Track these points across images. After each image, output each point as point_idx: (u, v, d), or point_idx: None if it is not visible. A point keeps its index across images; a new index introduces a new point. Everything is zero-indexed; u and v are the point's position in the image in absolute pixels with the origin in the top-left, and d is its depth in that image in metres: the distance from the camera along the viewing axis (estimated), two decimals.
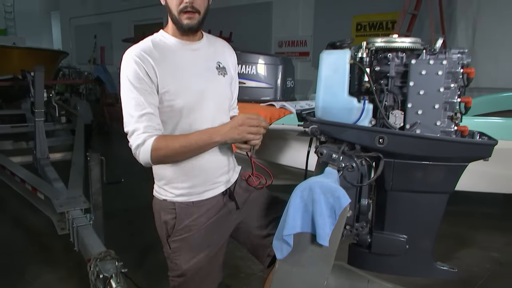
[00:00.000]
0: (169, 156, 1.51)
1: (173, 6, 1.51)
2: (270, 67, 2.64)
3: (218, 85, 1.64)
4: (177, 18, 1.53)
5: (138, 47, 1.52)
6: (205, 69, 1.61)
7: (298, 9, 8.41)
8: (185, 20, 1.52)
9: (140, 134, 1.46)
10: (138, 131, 1.46)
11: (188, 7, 1.50)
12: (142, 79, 1.47)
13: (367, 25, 7.46)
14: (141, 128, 1.46)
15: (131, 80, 1.47)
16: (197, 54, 1.61)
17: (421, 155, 1.42)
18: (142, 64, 1.47)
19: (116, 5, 12.84)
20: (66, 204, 2.94)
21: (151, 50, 1.51)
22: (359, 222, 1.55)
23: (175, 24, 1.55)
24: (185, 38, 1.59)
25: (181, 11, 1.51)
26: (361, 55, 1.47)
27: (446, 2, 6.27)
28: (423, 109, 1.40)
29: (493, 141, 1.40)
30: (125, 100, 1.49)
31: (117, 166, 4.96)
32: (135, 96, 1.47)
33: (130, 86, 1.47)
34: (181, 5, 1.50)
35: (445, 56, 1.39)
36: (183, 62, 1.56)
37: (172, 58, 1.54)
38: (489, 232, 3.86)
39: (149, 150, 1.45)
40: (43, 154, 4.41)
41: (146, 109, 1.47)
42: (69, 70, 13.75)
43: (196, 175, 1.61)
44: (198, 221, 1.62)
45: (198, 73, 1.58)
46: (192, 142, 1.48)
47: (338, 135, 1.49)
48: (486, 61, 5.95)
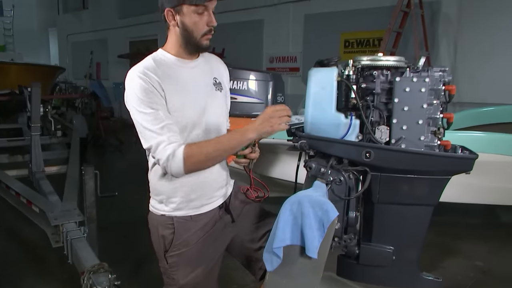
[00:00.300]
0: (203, 162, 1.47)
1: (198, 29, 1.51)
2: (261, 83, 2.65)
3: (216, 101, 1.65)
4: (197, 40, 1.53)
5: (141, 65, 1.50)
6: (204, 85, 1.61)
7: (288, 27, 8.49)
8: (205, 41, 1.54)
9: (167, 146, 1.42)
10: (163, 143, 1.42)
11: (212, 30, 1.52)
12: (152, 94, 1.45)
13: (354, 42, 7.55)
14: (166, 140, 1.42)
15: (141, 97, 1.44)
16: (196, 71, 1.61)
17: (406, 169, 1.43)
18: (149, 81, 1.45)
19: (112, 23, 12.88)
20: (60, 217, 2.90)
21: (155, 68, 1.49)
22: (347, 234, 1.55)
23: (189, 45, 1.55)
24: (186, 56, 1.58)
25: (205, 33, 1.52)
26: (348, 72, 1.49)
27: (429, 21, 6.38)
28: (407, 125, 1.41)
29: (474, 155, 1.42)
30: (139, 117, 1.45)
31: (112, 179, 4.92)
32: (149, 111, 1.43)
33: (141, 103, 1.44)
34: (205, 28, 1.51)
35: (427, 74, 1.41)
36: (184, 80, 1.56)
37: (174, 76, 1.53)
38: (473, 241, 3.87)
39: (182, 159, 1.41)
40: (38, 168, 4.36)
41: (164, 121, 1.44)
42: (65, 85, 13.72)
43: (194, 190, 1.60)
44: (196, 235, 1.61)
45: (199, 89, 1.58)
46: (225, 144, 1.46)
47: (327, 150, 1.50)
48: (467, 77, 6.05)
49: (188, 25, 1.50)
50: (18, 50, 12.72)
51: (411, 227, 1.55)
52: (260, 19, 8.88)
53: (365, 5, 7.17)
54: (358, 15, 7.31)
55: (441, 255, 3.50)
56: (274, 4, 8.55)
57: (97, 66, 13.13)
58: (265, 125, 1.43)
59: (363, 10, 7.22)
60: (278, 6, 8.50)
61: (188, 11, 1.48)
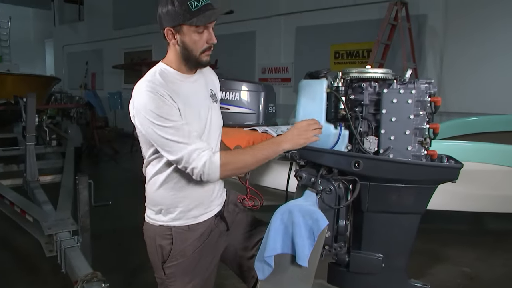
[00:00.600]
0: (239, 168, 1.50)
1: (197, 47, 1.50)
2: (253, 93, 2.65)
3: (215, 112, 1.66)
4: (197, 57, 1.52)
5: (150, 81, 1.47)
6: (204, 98, 1.62)
7: (280, 38, 8.54)
8: (205, 57, 1.54)
9: (201, 153, 1.42)
10: (196, 151, 1.42)
11: (211, 47, 1.53)
12: (168, 107, 1.43)
13: (344, 54, 7.60)
14: (198, 148, 1.42)
15: (158, 112, 1.41)
16: (196, 85, 1.61)
17: (394, 178, 1.44)
18: (162, 95, 1.43)
19: (107, 34, 12.87)
20: (54, 226, 2.86)
21: (163, 83, 1.47)
22: (338, 242, 1.56)
23: (190, 62, 1.54)
24: (186, 71, 1.58)
25: (204, 50, 1.52)
26: (337, 84, 1.50)
27: (416, 34, 6.45)
28: (395, 135, 1.43)
29: (459, 164, 1.43)
30: (161, 131, 1.42)
31: (106, 188, 4.88)
32: (170, 124, 1.41)
33: (160, 117, 1.41)
34: (205, 45, 1.51)
35: (414, 86, 1.43)
36: (189, 94, 1.55)
37: (179, 90, 1.52)
38: (460, 248, 3.88)
39: (218, 165, 1.42)
40: (33, 177, 4.31)
41: (190, 132, 1.44)
42: (61, 95, 13.63)
43: (195, 200, 1.59)
44: (193, 245, 1.60)
45: (201, 102, 1.59)
46: (263, 153, 1.47)
47: (317, 160, 1.51)
48: (453, 88, 6.12)
49: (188, 44, 1.49)
50: (15, 61, 12.64)
51: (400, 235, 1.55)
52: (252, 30, 8.93)
53: (354, 18, 7.24)
54: (348, 28, 7.38)
55: (430, 262, 3.51)
56: (266, 17, 8.60)
57: (92, 76, 13.09)
58: (301, 137, 1.46)
59: (353, 23, 7.29)
60: (270, 18, 8.56)
61: (188, 30, 1.47)
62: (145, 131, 1.46)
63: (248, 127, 2.62)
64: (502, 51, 5.73)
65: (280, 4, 8.36)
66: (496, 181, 2.66)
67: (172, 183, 1.56)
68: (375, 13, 6.85)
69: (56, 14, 15.97)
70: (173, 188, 1.56)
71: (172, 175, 1.55)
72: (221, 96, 2.07)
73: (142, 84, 1.47)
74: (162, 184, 1.56)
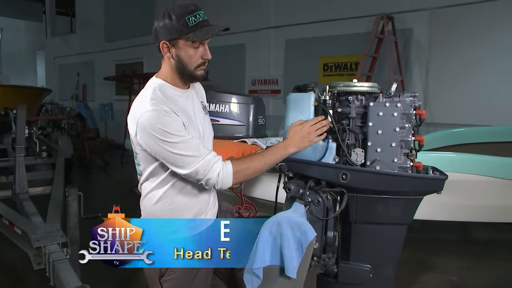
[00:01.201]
0: (250, 175, 1.52)
1: (192, 62, 1.50)
2: (243, 106, 2.66)
3: (208, 124, 1.67)
4: (191, 71, 1.52)
5: (151, 99, 1.45)
6: (199, 112, 1.63)
7: (269, 50, 8.60)
8: (200, 71, 1.54)
9: (215, 164, 1.44)
10: (209, 162, 1.43)
11: (206, 62, 1.53)
12: (174, 123, 1.42)
13: (333, 66, 7.67)
14: (210, 159, 1.44)
15: (166, 128, 1.40)
16: (191, 99, 1.61)
17: (381, 190, 1.45)
18: (166, 112, 1.42)
19: (99, 46, 12.85)
20: (43, 239, 2.81)
21: (165, 100, 1.46)
22: (326, 253, 1.56)
23: (184, 76, 1.54)
24: (181, 86, 1.57)
25: (199, 65, 1.52)
26: (324, 97, 1.52)
27: (402, 47, 6.55)
28: (381, 147, 1.44)
29: (444, 176, 1.45)
30: (170, 147, 1.41)
31: (96, 199, 4.83)
32: (179, 139, 1.41)
33: (168, 134, 1.40)
34: (200, 60, 1.51)
35: (399, 99, 1.45)
36: (188, 108, 1.56)
37: (181, 105, 1.52)
38: (447, 257, 3.90)
39: (231, 174, 1.46)
40: (22, 189, 4.24)
41: (199, 144, 1.46)
42: (52, 106, 13.50)
43: (190, 213, 1.58)
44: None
45: (197, 116, 1.59)
46: (270, 158, 1.50)
47: (305, 172, 1.51)
48: (439, 99, 6.21)
49: (184, 58, 1.49)
50: (6, 73, 12.54)
51: (387, 245, 1.56)
52: (242, 43, 8.98)
53: (342, 31, 7.34)
54: (336, 41, 7.47)
55: (418, 271, 3.51)
56: (256, 29, 8.68)
57: (83, 88, 13.02)
58: (305, 140, 1.49)
59: (341, 36, 7.38)
60: (260, 31, 8.63)
61: (184, 45, 1.47)
62: (151, 149, 1.44)
63: (238, 139, 2.63)
64: (485, 62, 5.83)
65: (269, 17, 8.45)
66: (481, 192, 2.70)
67: (170, 197, 1.55)
68: (363, 26, 6.95)
69: (48, 26, 15.91)
70: (171, 203, 1.55)
71: (169, 191, 1.54)
72: (211, 108, 2.07)
73: (145, 103, 1.44)
74: (160, 199, 1.55)
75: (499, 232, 4.56)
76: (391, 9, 6.45)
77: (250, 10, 8.65)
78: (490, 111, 5.68)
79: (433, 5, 6.29)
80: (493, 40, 5.75)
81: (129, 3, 11.30)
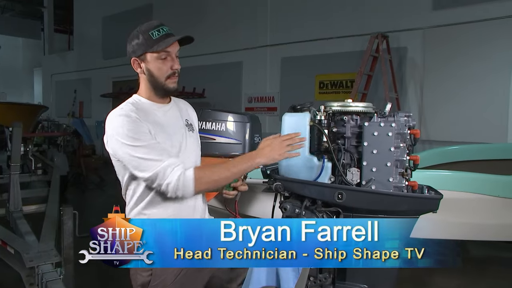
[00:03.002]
0: (213, 182, 1.50)
1: (161, 73, 1.56)
2: (239, 124, 2.66)
3: (191, 140, 1.68)
4: (162, 83, 1.57)
5: (121, 109, 1.53)
6: (179, 127, 1.64)
7: (266, 68, 8.69)
8: (172, 84, 1.58)
9: (175, 168, 1.44)
10: (170, 166, 1.44)
11: (176, 73, 1.58)
12: (139, 127, 1.47)
13: (328, 84, 7.75)
14: (171, 163, 1.45)
15: (130, 133, 1.46)
16: (169, 114, 1.64)
17: (377, 209, 1.45)
18: (131, 119, 1.48)
19: (96, 63, 12.93)
20: (36, 258, 2.77)
21: (134, 110, 1.53)
22: (322, 273, 1.54)
23: (157, 89, 1.59)
24: (160, 100, 1.63)
25: (168, 76, 1.57)
26: (319, 117, 1.53)
27: (397, 65, 6.64)
28: (376, 167, 1.44)
29: (439, 195, 1.45)
30: (132, 151, 1.46)
31: (91, 216, 4.78)
32: (142, 143, 1.46)
33: (132, 138, 1.45)
34: (169, 71, 1.56)
35: (393, 119, 1.46)
36: (161, 122, 1.58)
37: (152, 118, 1.56)
38: (444, 275, 3.88)
39: (192, 179, 1.44)
40: (16, 207, 4.21)
41: (164, 149, 1.47)
42: (48, 122, 13.49)
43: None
44: (173, 273, 1.56)
45: (174, 131, 1.61)
46: (237, 166, 1.49)
47: (301, 191, 1.51)
48: (434, 117, 6.27)
49: (153, 71, 1.56)
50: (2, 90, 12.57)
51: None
52: (239, 61, 9.08)
53: (337, 49, 7.44)
54: (332, 59, 7.56)
55: None
56: (252, 47, 8.78)
57: (80, 105, 13.04)
58: (274, 152, 1.47)
59: (336, 54, 7.48)
60: (256, 49, 8.73)
61: (151, 58, 1.55)
62: (118, 155, 1.49)
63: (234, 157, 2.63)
64: (478, 80, 5.92)
65: (266, 35, 8.56)
66: (476, 210, 2.70)
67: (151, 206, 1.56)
68: (358, 45, 7.06)
69: (46, 44, 16.04)
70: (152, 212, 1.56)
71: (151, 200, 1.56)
72: (207, 127, 2.08)
73: (114, 112, 1.53)
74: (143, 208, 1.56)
75: (495, 250, 4.55)
76: (386, 28, 6.57)
77: (247, 29, 8.77)
78: (485, 128, 5.73)
79: (426, 24, 6.41)
80: (486, 58, 5.84)
81: (127, 21, 11.42)
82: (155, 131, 1.52)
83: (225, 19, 9.16)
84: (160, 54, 1.54)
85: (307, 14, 7.84)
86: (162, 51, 1.54)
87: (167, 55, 1.55)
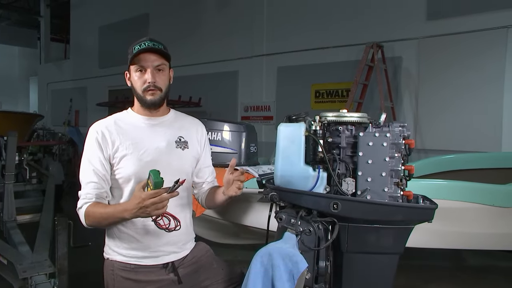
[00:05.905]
0: (97, 221, 1.57)
1: (137, 86, 1.64)
2: (235, 133, 2.68)
3: (175, 158, 1.67)
4: (141, 96, 1.64)
5: (100, 122, 1.66)
6: (162, 142, 1.66)
7: (262, 77, 8.72)
8: (149, 96, 1.64)
9: (81, 200, 1.59)
10: (81, 197, 1.59)
11: (150, 86, 1.62)
12: (95, 148, 1.59)
13: (324, 93, 7.77)
14: (83, 195, 1.59)
15: (87, 149, 1.62)
16: (156, 128, 1.69)
17: (372, 219, 1.46)
18: (98, 137, 1.60)
19: (92, 72, 12.94)
20: (29, 269, 2.74)
21: (111, 124, 1.64)
22: (318, 283, 1.54)
23: (139, 101, 1.67)
24: (147, 113, 1.69)
25: (145, 89, 1.63)
26: (315, 127, 1.54)
27: (392, 75, 6.69)
28: (372, 177, 1.45)
29: (434, 205, 1.46)
30: (82, 165, 1.63)
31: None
32: (87, 165, 1.60)
33: (86, 154, 1.62)
34: (144, 85, 1.62)
35: (388, 129, 1.47)
36: (140, 136, 1.64)
37: (130, 132, 1.63)
38: (441, 284, 3.87)
39: (83, 214, 1.57)
40: (10, 217, 4.17)
41: (91, 178, 1.59)
42: (43, 131, 13.44)
43: (137, 239, 1.61)
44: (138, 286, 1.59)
45: (153, 146, 1.64)
46: (109, 213, 1.54)
47: (296, 201, 1.51)
48: (429, 126, 6.30)
49: (133, 83, 1.66)
50: None
51: (379, 274, 1.55)
52: (235, 70, 9.11)
53: (333, 59, 7.49)
54: (327, 68, 7.60)
55: None
56: (248, 57, 8.82)
57: (76, 114, 13.02)
58: (142, 211, 1.45)
59: (332, 64, 7.53)
60: (252, 58, 8.77)
61: (132, 71, 1.65)
62: None
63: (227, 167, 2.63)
64: (471, 89, 5.96)
65: (262, 45, 8.60)
66: (472, 219, 2.70)
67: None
68: (353, 54, 7.11)
69: (42, 52, 16.04)
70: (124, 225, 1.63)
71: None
72: None
73: (94, 123, 1.69)
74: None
75: (493, 259, 4.55)
76: (381, 38, 6.63)
77: (243, 38, 8.82)
78: (479, 137, 5.77)
79: (421, 34, 6.48)
80: (480, 68, 5.90)
81: (123, 30, 11.47)
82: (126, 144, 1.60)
83: (221, 28, 9.20)
84: (137, 66, 1.62)
85: (303, 24, 7.90)
86: (138, 64, 1.61)
87: (142, 68, 1.62)
